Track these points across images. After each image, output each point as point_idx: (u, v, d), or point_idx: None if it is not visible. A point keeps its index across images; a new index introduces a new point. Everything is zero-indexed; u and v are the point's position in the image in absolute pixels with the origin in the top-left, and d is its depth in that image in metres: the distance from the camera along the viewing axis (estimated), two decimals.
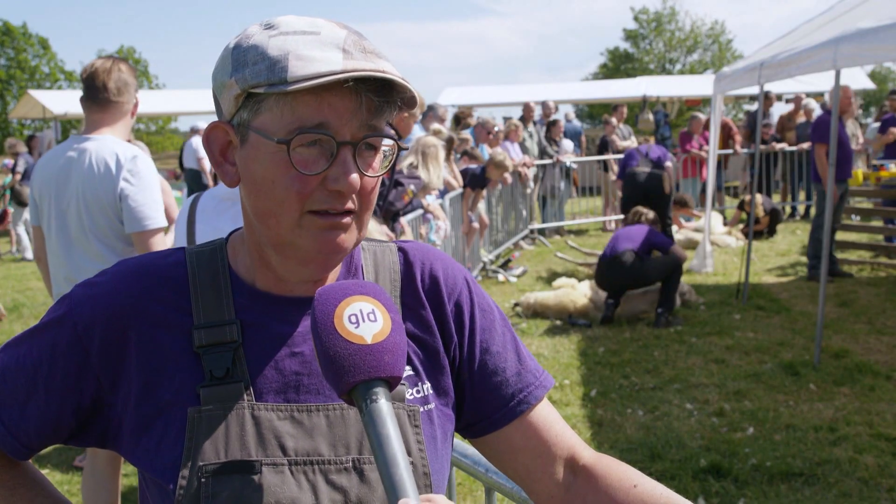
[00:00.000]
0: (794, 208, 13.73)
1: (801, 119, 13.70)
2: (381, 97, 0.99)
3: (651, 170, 8.99)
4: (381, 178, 1.06)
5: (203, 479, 0.99)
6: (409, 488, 0.84)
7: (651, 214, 7.72)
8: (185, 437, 1.01)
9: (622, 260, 7.14)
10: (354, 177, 0.99)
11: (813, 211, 9.89)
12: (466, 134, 10.16)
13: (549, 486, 1.18)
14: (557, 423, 1.20)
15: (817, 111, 13.04)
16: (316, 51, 0.97)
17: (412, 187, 5.62)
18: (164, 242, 3.09)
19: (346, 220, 1.02)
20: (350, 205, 1.01)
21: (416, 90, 1.02)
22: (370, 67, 0.97)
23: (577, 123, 16.66)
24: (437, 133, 7.58)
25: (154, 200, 3.10)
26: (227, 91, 1.02)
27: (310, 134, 0.97)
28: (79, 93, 3.30)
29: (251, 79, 0.98)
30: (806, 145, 12.52)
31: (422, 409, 1.11)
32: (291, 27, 1.00)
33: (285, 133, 0.97)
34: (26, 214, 12.81)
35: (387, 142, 1.04)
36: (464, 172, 8.99)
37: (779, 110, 15.97)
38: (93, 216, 3.14)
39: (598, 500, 1.14)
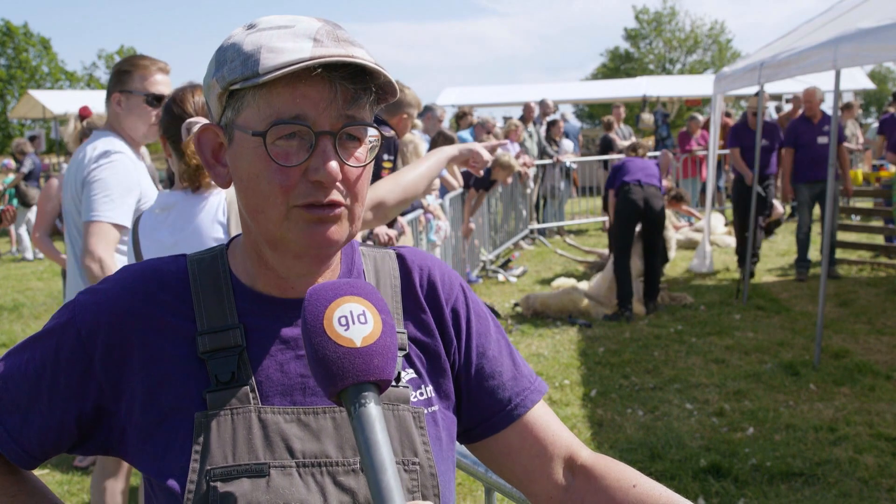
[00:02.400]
0: (794, 208, 13.71)
1: None
2: (355, 84, 0.99)
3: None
4: (369, 168, 1.05)
5: (212, 483, 0.99)
6: (396, 494, 0.84)
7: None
8: (192, 442, 1.01)
9: (656, 195, 7.39)
10: (334, 165, 0.99)
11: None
12: (494, 141, 10.08)
13: (548, 487, 1.18)
14: (554, 423, 1.21)
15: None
16: (288, 42, 0.98)
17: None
18: (105, 239, 2.93)
19: (335, 212, 1.01)
20: (336, 196, 1.01)
21: (390, 75, 1.01)
22: (340, 53, 0.97)
23: (573, 123, 16.67)
24: (412, 127, 7.56)
25: (106, 195, 2.96)
26: (212, 92, 1.04)
27: (287, 125, 0.98)
28: (78, 93, 3.32)
29: (228, 76, 1.00)
30: None
31: (426, 411, 1.11)
32: (269, 24, 1.02)
33: (263, 126, 0.98)
34: (29, 215, 12.81)
35: (372, 132, 1.04)
36: (468, 173, 8.95)
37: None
38: (73, 214, 3.17)
39: (597, 500, 1.14)
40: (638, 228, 7.54)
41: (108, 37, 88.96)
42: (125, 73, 3.14)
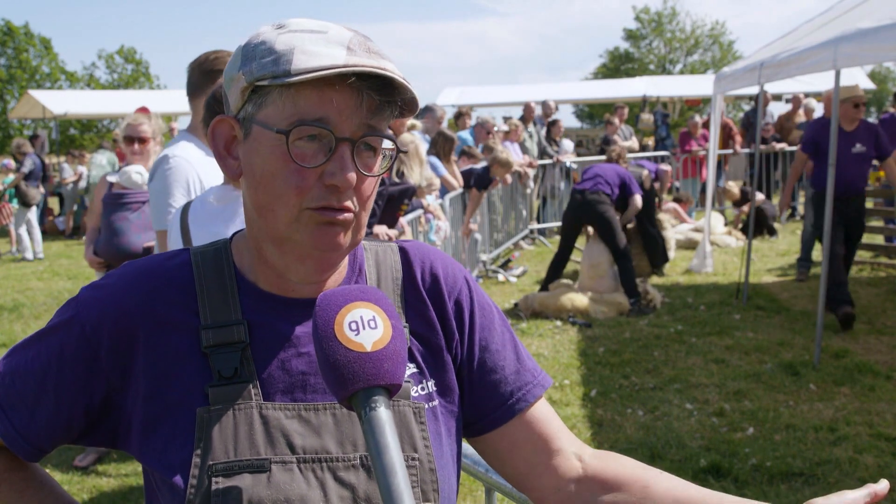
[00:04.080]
0: (794, 208, 13.72)
1: (801, 119, 13.69)
2: (381, 96, 1.00)
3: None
4: (379, 179, 1.07)
5: (213, 478, 1.00)
6: (406, 497, 0.85)
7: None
8: (194, 437, 1.02)
9: (597, 201, 7.86)
10: (351, 174, 1.00)
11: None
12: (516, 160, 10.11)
13: (553, 482, 1.17)
14: (556, 420, 1.21)
15: (818, 111, 13.04)
16: (321, 47, 0.99)
17: (406, 202, 5.62)
18: (164, 245, 2.98)
19: (344, 217, 1.02)
20: (348, 203, 1.02)
21: (416, 92, 1.03)
22: (372, 64, 0.98)
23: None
24: (411, 128, 7.58)
25: (158, 203, 3.01)
26: (234, 85, 1.05)
27: (309, 127, 0.99)
28: (78, 93, 3.29)
29: (257, 72, 1.00)
30: None
31: (426, 406, 1.12)
32: (300, 26, 1.03)
33: (286, 125, 0.99)
34: (29, 215, 12.79)
35: (387, 144, 1.06)
36: (468, 173, 8.94)
37: (777, 110, 15.98)
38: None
39: (613, 492, 1.13)
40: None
41: (108, 37, 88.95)
42: (221, 73, 2.99)
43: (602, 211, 7.87)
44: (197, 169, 2.98)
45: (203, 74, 3.03)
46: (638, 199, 8.31)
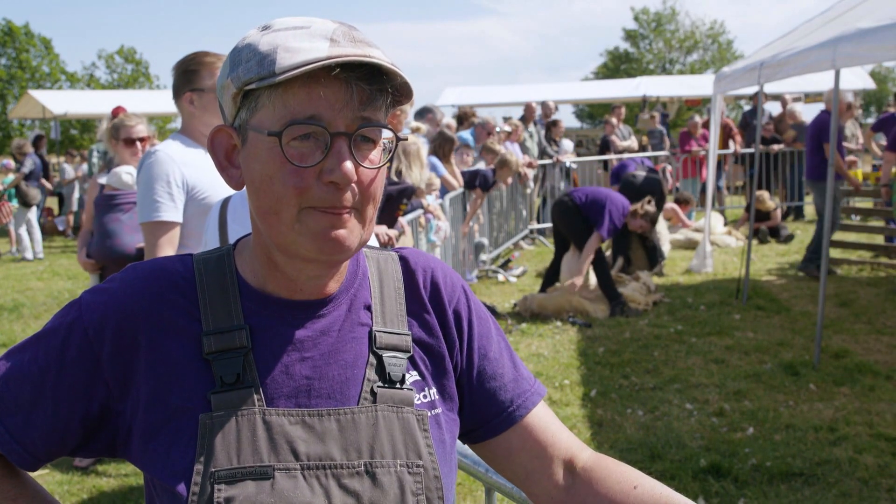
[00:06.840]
0: (799, 208, 13.69)
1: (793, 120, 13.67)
2: (371, 85, 0.98)
3: (648, 172, 9.46)
4: (383, 171, 1.05)
5: (216, 485, 0.99)
6: None
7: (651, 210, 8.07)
8: (196, 444, 1.01)
9: (565, 203, 7.83)
10: (349, 166, 0.98)
11: (809, 210, 9.86)
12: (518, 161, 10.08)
13: (548, 488, 1.18)
14: (554, 425, 1.21)
15: (806, 114, 13.04)
16: (304, 42, 0.97)
17: (405, 201, 5.62)
18: (148, 237, 3.07)
19: (347, 214, 1.01)
20: (349, 199, 1.00)
21: (407, 76, 1.01)
22: (357, 53, 0.97)
23: None
24: (416, 130, 7.59)
25: (141, 196, 3.08)
26: (226, 92, 1.03)
27: (302, 126, 0.97)
28: (78, 93, 3.31)
29: (244, 75, 0.99)
30: (800, 144, 12.63)
31: (430, 414, 1.11)
32: (284, 25, 1.02)
33: (278, 126, 0.98)
34: (29, 215, 12.78)
35: (386, 134, 1.04)
36: (473, 174, 8.93)
37: (774, 110, 15.96)
38: None
39: (597, 502, 1.14)
40: None
41: (108, 37, 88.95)
42: (193, 73, 3.10)
43: (566, 214, 7.78)
44: (179, 164, 3.05)
45: (182, 75, 3.12)
46: (594, 238, 7.48)
